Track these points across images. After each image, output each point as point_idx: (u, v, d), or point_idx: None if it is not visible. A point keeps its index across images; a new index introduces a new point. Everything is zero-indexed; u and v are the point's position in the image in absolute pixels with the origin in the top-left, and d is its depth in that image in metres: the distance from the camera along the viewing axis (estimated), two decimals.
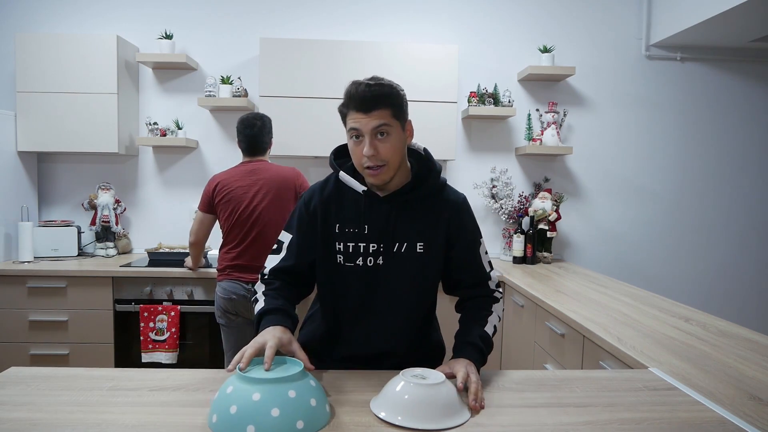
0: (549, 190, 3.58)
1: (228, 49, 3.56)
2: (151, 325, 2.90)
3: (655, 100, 3.70)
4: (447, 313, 1.66)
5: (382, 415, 1.11)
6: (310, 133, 3.21)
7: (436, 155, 3.29)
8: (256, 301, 1.38)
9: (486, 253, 1.48)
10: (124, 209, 3.50)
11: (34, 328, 2.98)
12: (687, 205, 3.76)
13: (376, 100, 1.26)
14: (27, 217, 3.22)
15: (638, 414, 1.17)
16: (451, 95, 3.22)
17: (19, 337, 2.98)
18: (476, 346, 1.35)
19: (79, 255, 3.33)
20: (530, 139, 3.57)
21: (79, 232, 3.36)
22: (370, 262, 1.37)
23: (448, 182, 1.49)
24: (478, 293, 1.46)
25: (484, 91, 3.51)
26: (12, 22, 3.49)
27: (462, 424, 1.10)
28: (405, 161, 1.39)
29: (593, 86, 3.68)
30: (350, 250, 1.38)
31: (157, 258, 3.19)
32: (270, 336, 1.20)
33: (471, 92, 3.49)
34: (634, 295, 2.56)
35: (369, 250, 1.37)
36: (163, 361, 2.90)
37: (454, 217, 1.41)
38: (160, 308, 2.92)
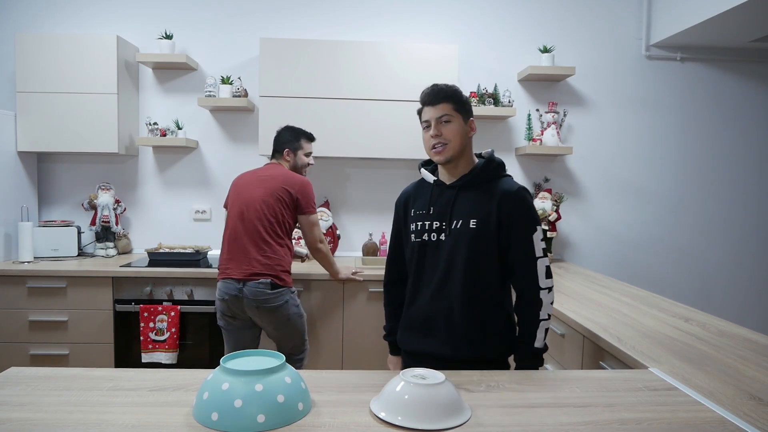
0: (549, 190, 3.58)
1: (228, 49, 3.56)
2: (151, 325, 2.90)
3: (655, 100, 3.70)
4: None
5: (382, 415, 1.11)
6: None
7: None
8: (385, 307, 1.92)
9: (542, 240, 1.62)
10: (124, 209, 3.50)
11: (34, 328, 2.98)
12: (687, 205, 3.76)
13: (440, 95, 1.66)
14: (27, 217, 3.22)
15: (638, 414, 1.17)
16: None
17: (19, 337, 2.98)
18: (530, 363, 1.60)
19: (79, 255, 3.33)
20: (530, 139, 3.57)
21: (79, 232, 3.36)
22: (434, 237, 1.65)
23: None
24: (524, 294, 1.62)
25: (484, 91, 3.51)
26: (12, 22, 3.49)
27: (462, 424, 1.10)
28: (469, 153, 1.69)
29: (593, 86, 3.68)
30: (418, 228, 1.69)
31: (157, 258, 3.18)
32: None
33: (471, 92, 3.49)
34: (634, 295, 2.56)
35: (433, 227, 1.66)
36: (163, 361, 2.90)
37: (505, 203, 1.61)
38: (160, 308, 2.92)
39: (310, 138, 2.79)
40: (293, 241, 2.84)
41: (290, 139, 2.72)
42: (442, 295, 1.63)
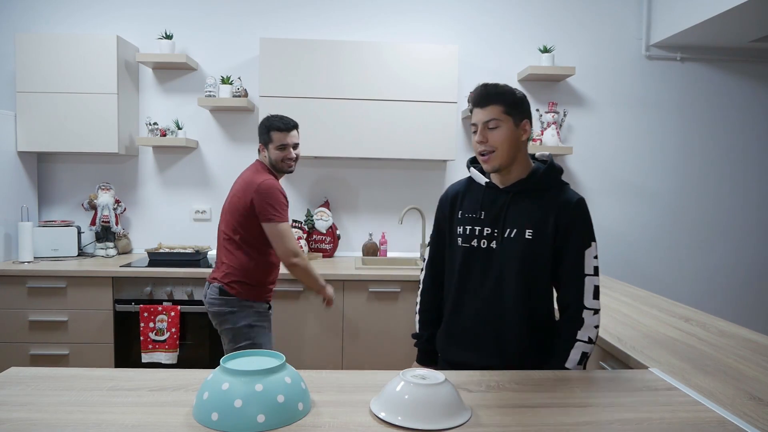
0: None
1: (228, 49, 3.56)
2: (151, 325, 2.90)
3: (655, 100, 3.70)
4: None
5: (382, 415, 1.11)
6: (310, 134, 3.21)
7: (436, 155, 3.32)
8: (417, 306, 1.78)
9: (595, 257, 1.52)
10: (124, 209, 3.50)
11: (34, 328, 2.98)
12: (687, 205, 3.76)
13: (490, 97, 1.52)
14: (27, 217, 3.22)
15: (638, 414, 1.17)
16: (451, 95, 3.22)
17: (19, 337, 2.98)
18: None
19: (79, 255, 3.33)
20: (530, 139, 3.57)
21: (79, 232, 3.36)
22: (484, 245, 1.56)
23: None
24: (567, 310, 1.53)
25: None
26: (12, 22, 3.49)
27: (462, 424, 1.10)
28: (523, 157, 1.57)
29: (593, 86, 3.68)
30: (467, 232, 1.58)
31: (157, 258, 3.18)
32: None
33: (471, 92, 3.48)
34: (634, 295, 2.56)
35: (483, 234, 1.56)
36: (163, 361, 2.90)
37: (564, 214, 1.51)
38: (160, 308, 2.92)
39: (282, 127, 2.34)
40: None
41: (261, 132, 2.41)
42: (492, 306, 1.55)
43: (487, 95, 1.52)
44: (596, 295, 1.51)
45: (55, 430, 1.04)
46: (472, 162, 1.68)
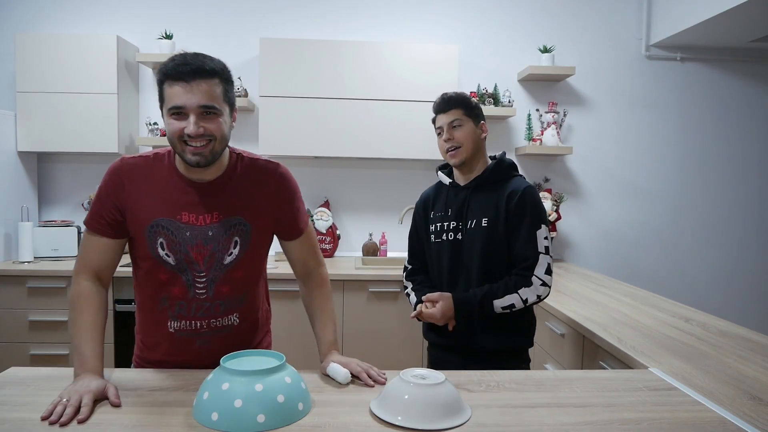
0: (549, 190, 3.58)
1: (228, 49, 3.56)
2: None
3: (655, 100, 3.70)
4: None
5: (382, 415, 1.11)
6: (310, 133, 3.21)
7: (436, 155, 3.29)
8: (408, 295, 1.87)
9: (545, 238, 1.68)
10: None
11: (34, 328, 2.98)
12: (687, 205, 3.76)
13: (450, 102, 1.75)
14: (27, 217, 3.22)
15: (638, 414, 1.17)
16: None
17: (19, 337, 2.98)
18: (461, 307, 1.68)
19: None
20: (530, 139, 3.57)
21: (79, 232, 3.36)
22: (451, 237, 1.75)
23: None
24: (517, 272, 1.68)
25: (484, 91, 3.51)
26: (12, 22, 3.49)
27: (462, 424, 1.10)
28: (482, 155, 1.78)
29: (593, 86, 3.68)
30: (438, 229, 1.79)
31: None
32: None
33: (471, 92, 3.49)
34: (634, 295, 2.56)
35: (450, 227, 1.76)
36: None
37: (511, 201, 1.69)
38: None
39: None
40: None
41: None
42: (460, 290, 1.72)
43: (448, 101, 1.75)
44: (548, 271, 1.67)
45: (55, 430, 1.04)
46: (440, 168, 1.91)
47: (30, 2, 3.49)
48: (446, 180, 1.84)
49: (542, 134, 3.53)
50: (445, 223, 1.77)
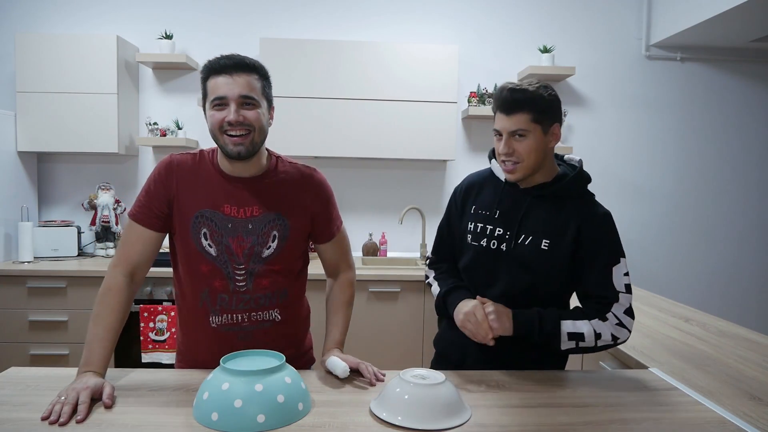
0: None
1: (228, 49, 3.52)
2: (151, 325, 2.90)
3: (655, 100, 3.70)
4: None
5: (382, 415, 1.11)
6: (310, 133, 3.21)
7: (436, 156, 3.32)
8: (430, 285, 1.58)
9: (625, 274, 1.39)
10: (124, 209, 3.50)
11: (34, 328, 2.98)
12: (687, 205, 3.76)
13: (517, 103, 1.33)
14: (27, 217, 3.21)
15: (638, 414, 1.17)
16: (451, 95, 3.22)
17: (19, 337, 2.98)
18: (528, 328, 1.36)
19: (79, 255, 3.33)
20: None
21: (79, 232, 3.36)
22: (494, 245, 1.44)
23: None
24: (589, 304, 1.41)
25: (484, 91, 3.50)
26: (12, 22, 3.48)
27: (462, 424, 1.10)
28: (549, 163, 1.44)
29: (593, 86, 3.68)
30: (478, 230, 1.47)
31: (157, 258, 3.18)
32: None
33: (471, 92, 3.49)
34: (634, 295, 2.55)
35: (495, 234, 1.44)
36: (163, 361, 2.90)
37: (588, 227, 1.38)
38: (160, 308, 2.92)
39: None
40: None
41: None
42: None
43: (514, 102, 1.34)
44: (629, 312, 1.37)
45: (55, 430, 1.04)
46: (494, 155, 1.50)
47: (30, 2, 3.49)
48: (502, 175, 1.47)
49: None
50: (489, 227, 1.44)
